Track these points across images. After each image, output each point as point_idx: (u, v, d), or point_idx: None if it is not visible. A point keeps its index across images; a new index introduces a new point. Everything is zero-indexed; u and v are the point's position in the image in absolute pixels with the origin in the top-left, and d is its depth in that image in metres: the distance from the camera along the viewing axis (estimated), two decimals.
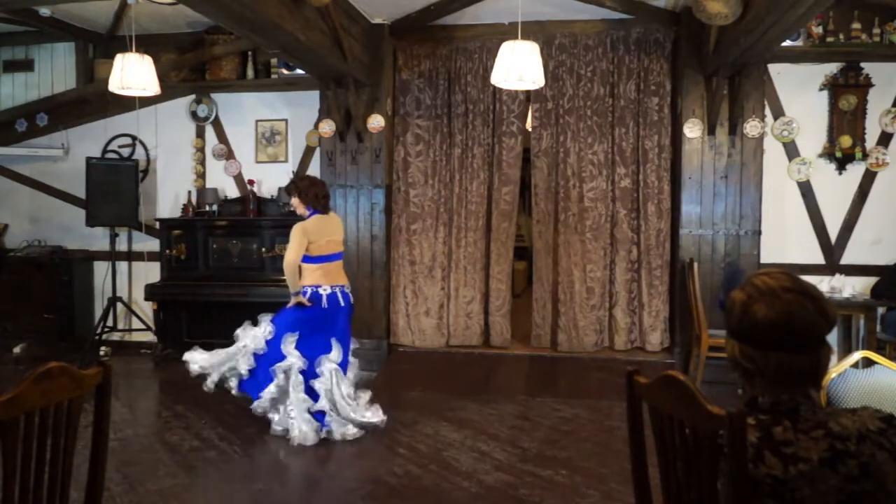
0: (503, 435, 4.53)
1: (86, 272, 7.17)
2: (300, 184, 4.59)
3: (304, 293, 4.42)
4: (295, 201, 4.58)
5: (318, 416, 4.41)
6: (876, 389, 2.31)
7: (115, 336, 6.98)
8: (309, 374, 4.40)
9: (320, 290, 4.45)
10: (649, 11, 5.88)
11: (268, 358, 4.40)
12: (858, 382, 2.34)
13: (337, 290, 4.51)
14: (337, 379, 4.41)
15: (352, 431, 4.44)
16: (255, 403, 4.47)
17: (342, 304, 4.52)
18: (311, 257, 4.44)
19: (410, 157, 6.42)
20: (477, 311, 6.42)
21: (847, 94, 5.88)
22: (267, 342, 4.41)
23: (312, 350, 4.41)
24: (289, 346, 4.38)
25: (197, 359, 4.52)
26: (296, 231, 4.40)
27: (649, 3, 5.79)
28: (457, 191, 6.42)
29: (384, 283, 6.34)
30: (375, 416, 4.57)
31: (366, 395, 4.68)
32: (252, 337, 4.43)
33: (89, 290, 7.18)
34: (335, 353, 4.46)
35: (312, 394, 4.39)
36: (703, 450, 1.46)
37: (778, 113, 6.03)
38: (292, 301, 4.43)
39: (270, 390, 4.39)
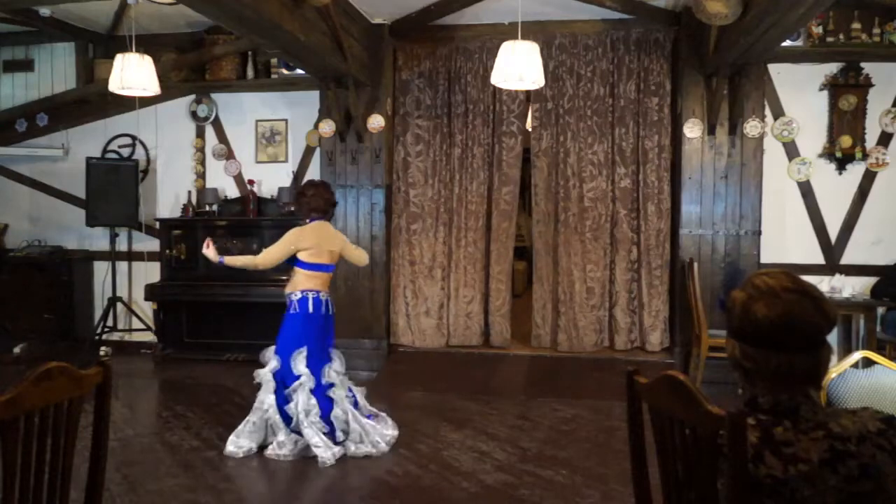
0: (503, 435, 4.53)
1: (86, 272, 7.16)
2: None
3: (302, 300, 4.22)
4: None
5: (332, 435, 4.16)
6: (876, 389, 2.31)
7: (115, 336, 6.98)
8: (319, 390, 4.15)
9: (321, 297, 4.25)
10: (649, 11, 5.88)
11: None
12: (858, 382, 2.34)
13: (328, 297, 4.32)
14: (348, 392, 4.24)
15: (365, 449, 4.16)
16: (271, 451, 4.13)
17: (327, 311, 4.29)
18: (310, 264, 4.26)
19: (410, 157, 6.41)
20: (477, 311, 6.42)
21: (847, 94, 5.88)
22: (279, 378, 4.17)
23: (317, 363, 4.18)
24: (299, 363, 4.12)
25: (242, 445, 4.17)
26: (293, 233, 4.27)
27: (649, 3, 5.79)
28: (457, 191, 6.41)
29: (384, 283, 6.34)
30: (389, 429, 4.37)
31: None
32: (265, 392, 4.20)
33: (89, 290, 7.18)
34: (337, 363, 4.27)
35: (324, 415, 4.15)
36: (703, 450, 1.46)
37: (778, 113, 6.02)
38: (209, 250, 4.22)
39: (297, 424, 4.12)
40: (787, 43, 5.50)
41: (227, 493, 3.65)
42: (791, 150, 6.04)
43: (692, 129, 5.82)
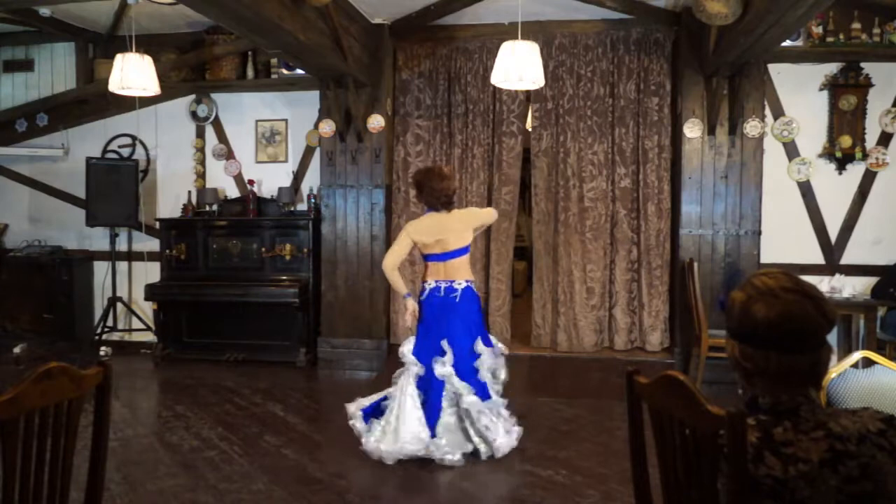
0: None
1: (86, 272, 7.16)
2: (416, 176, 4.36)
3: (421, 292, 4.22)
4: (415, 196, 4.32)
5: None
6: (876, 389, 2.31)
7: (115, 336, 6.98)
8: (428, 381, 4.07)
9: (426, 286, 4.19)
10: (649, 11, 5.88)
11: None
12: (858, 382, 2.34)
13: (441, 284, 4.16)
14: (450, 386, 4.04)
15: (455, 458, 3.96)
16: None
17: (441, 295, 4.14)
18: (425, 255, 4.27)
19: (410, 157, 6.41)
20: None
21: (847, 94, 5.88)
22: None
23: (428, 353, 4.09)
24: (406, 349, 4.15)
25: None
26: (402, 231, 4.26)
27: (649, 3, 5.79)
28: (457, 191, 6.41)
29: (384, 283, 6.32)
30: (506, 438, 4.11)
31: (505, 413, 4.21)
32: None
33: (89, 290, 7.17)
34: (448, 356, 4.05)
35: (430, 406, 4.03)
36: (703, 450, 1.46)
37: (778, 113, 6.02)
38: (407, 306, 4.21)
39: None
40: (787, 43, 5.50)
41: (227, 494, 3.65)
42: (791, 150, 6.04)
43: (692, 129, 5.82)
